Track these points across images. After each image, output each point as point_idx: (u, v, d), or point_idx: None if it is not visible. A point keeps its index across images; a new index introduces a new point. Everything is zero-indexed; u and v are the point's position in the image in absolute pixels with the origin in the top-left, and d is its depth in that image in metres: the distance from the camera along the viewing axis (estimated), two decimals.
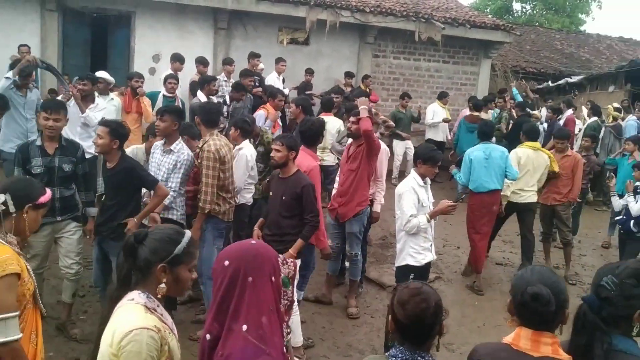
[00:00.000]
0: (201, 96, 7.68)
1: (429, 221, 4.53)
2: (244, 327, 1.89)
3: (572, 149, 8.18)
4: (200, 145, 4.84)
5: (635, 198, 5.95)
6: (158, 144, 5.02)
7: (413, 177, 4.62)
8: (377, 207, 5.84)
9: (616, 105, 11.39)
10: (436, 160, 4.63)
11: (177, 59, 8.97)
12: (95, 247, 4.74)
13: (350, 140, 5.76)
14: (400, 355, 2.03)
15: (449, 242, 7.91)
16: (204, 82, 7.83)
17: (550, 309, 1.99)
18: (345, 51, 12.09)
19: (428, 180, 4.71)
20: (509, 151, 6.73)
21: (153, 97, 7.95)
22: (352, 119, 5.42)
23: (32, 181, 2.84)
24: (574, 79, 15.32)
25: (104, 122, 4.59)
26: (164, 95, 7.92)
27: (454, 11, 13.30)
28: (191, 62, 9.26)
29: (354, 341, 5.08)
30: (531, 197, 6.79)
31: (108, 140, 4.35)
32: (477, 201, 6.46)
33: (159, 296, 2.11)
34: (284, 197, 4.53)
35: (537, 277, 2.07)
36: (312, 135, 5.34)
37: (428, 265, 4.73)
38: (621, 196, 6.86)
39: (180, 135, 5.03)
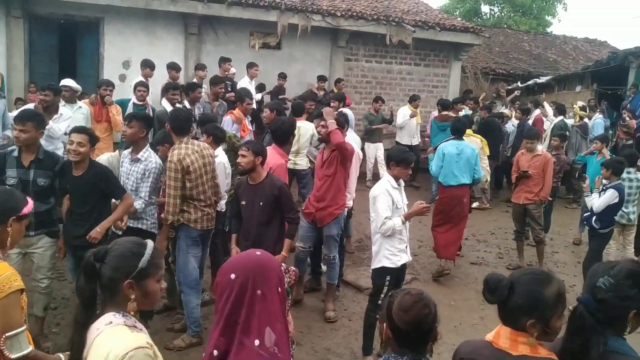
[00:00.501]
0: (165, 104, 7.59)
1: (403, 223, 4.54)
2: (256, 342, 1.87)
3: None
4: (169, 154, 4.77)
5: (599, 195, 6.07)
6: (126, 152, 4.93)
7: (387, 180, 4.64)
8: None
9: (581, 104, 11.62)
10: (409, 162, 4.66)
11: (148, 65, 8.86)
12: (69, 258, 4.63)
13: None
14: None
15: (424, 243, 7.96)
16: (167, 89, 7.75)
17: (495, 299, 1.98)
18: (317, 55, 12.12)
19: (402, 182, 4.74)
20: None
21: (123, 104, 7.81)
22: (321, 122, 5.43)
23: (14, 192, 2.73)
24: (542, 79, 15.65)
25: (81, 130, 4.46)
26: (134, 104, 7.74)
27: (424, 14, 13.44)
28: (163, 67, 9.17)
29: (332, 345, 5.07)
30: None
31: (89, 147, 4.30)
32: (447, 194, 6.78)
33: (132, 313, 2.02)
34: (261, 203, 4.49)
35: (518, 275, 2.04)
36: (283, 135, 5.34)
37: (404, 266, 4.75)
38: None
39: (163, 143, 5.01)
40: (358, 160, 5.91)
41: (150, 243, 2.10)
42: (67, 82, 7.12)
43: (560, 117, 10.88)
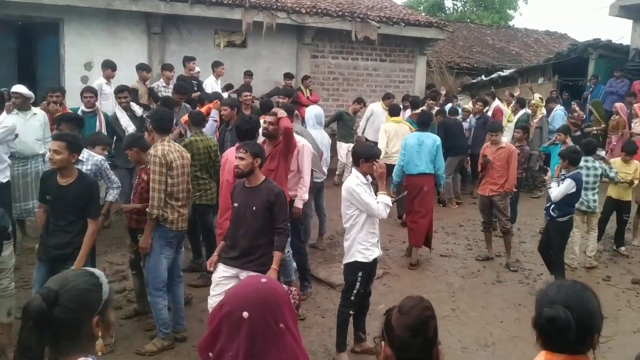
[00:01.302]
0: (119, 111, 7.45)
1: (390, 196, 4.62)
2: None
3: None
4: (151, 152, 4.73)
5: (558, 184, 6.21)
6: None
7: (356, 176, 4.63)
8: (298, 204, 5.81)
9: (538, 96, 11.90)
10: (377, 157, 4.69)
11: (109, 66, 8.65)
12: (39, 269, 4.43)
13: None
14: None
15: (394, 237, 8.03)
16: (115, 93, 7.57)
17: (569, 336, 1.77)
18: (283, 52, 12.09)
19: (369, 177, 4.74)
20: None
21: (72, 112, 7.47)
22: (268, 119, 5.40)
23: None
24: (506, 72, 15.91)
25: (57, 136, 4.37)
26: (82, 111, 7.21)
27: (388, 10, 13.53)
28: (126, 68, 9.02)
29: (305, 343, 5.03)
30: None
31: (67, 154, 4.16)
32: (409, 182, 7.17)
33: (100, 354, 1.80)
34: (254, 208, 4.28)
35: (562, 296, 1.85)
36: (248, 130, 5.26)
37: (375, 261, 4.77)
38: None
39: (131, 147, 4.95)
40: (310, 154, 5.90)
41: (97, 271, 1.89)
42: (18, 88, 6.63)
43: (523, 111, 11.07)
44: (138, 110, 7.71)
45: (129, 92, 7.75)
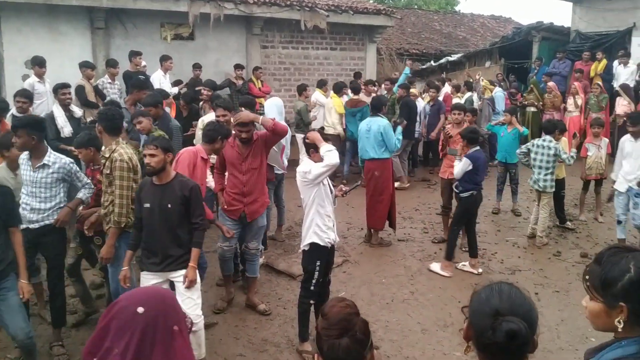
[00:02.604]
0: (56, 109, 7.15)
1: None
2: None
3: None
4: (107, 155, 4.44)
5: (461, 161, 6.39)
6: (24, 157, 4.58)
7: (308, 163, 4.62)
8: None
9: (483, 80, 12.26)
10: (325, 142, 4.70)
11: (36, 63, 8.22)
12: None
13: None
14: None
15: (353, 225, 8.09)
16: (56, 90, 7.20)
17: (525, 349, 1.66)
18: (232, 44, 11.94)
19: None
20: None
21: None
22: (239, 126, 5.18)
23: None
24: (454, 57, 16.19)
25: None
26: (13, 116, 6.77)
27: None
28: (70, 66, 8.72)
29: (268, 335, 5.06)
30: (330, 130, 9.98)
31: None
32: (365, 167, 7.59)
33: None
34: (169, 206, 4.13)
35: (507, 304, 1.69)
36: (213, 132, 5.12)
37: (333, 249, 4.79)
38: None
39: (87, 147, 4.74)
40: None
41: None
42: None
43: (469, 93, 11.32)
44: (77, 111, 7.40)
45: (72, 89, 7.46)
